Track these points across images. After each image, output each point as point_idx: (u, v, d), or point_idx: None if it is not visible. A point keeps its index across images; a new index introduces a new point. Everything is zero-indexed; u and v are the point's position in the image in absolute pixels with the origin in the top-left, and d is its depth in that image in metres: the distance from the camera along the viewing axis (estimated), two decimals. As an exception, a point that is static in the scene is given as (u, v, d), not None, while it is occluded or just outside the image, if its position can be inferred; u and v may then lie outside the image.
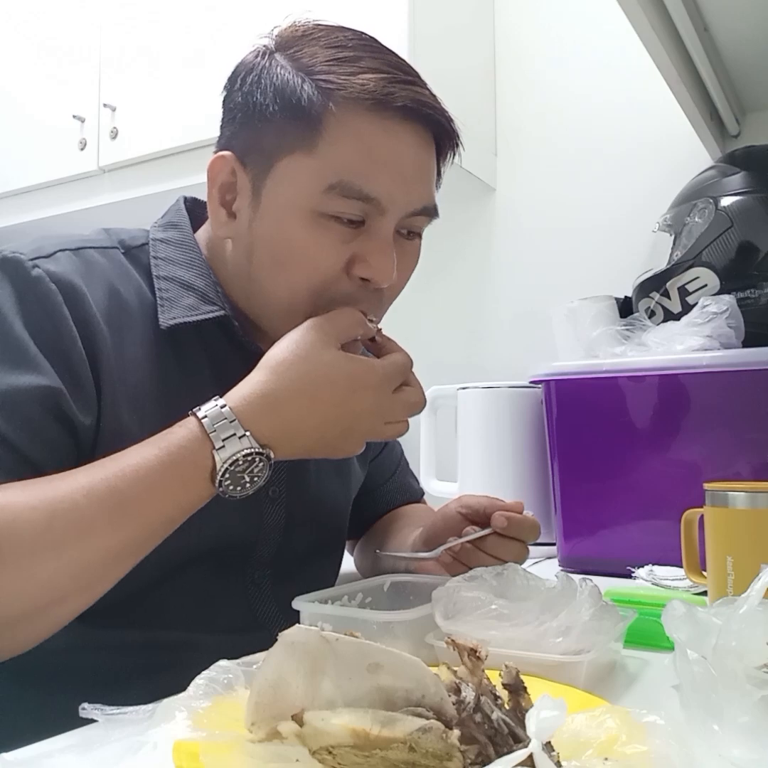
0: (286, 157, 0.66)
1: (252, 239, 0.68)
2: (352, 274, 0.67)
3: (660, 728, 0.36)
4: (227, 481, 0.58)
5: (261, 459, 0.59)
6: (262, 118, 0.66)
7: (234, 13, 1.45)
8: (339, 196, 0.64)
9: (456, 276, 1.59)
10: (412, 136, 0.67)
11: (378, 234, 0.67)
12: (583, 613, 0.54)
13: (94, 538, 0.55)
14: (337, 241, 0.66)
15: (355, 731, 0.32)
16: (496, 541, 0.73)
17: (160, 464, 0.57)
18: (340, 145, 0.64)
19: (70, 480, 0.56)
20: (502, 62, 1.57)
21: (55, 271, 0.64)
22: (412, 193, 0.68)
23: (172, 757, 0.36)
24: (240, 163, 0.69)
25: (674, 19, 0.94)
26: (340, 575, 0.88)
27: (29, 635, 0.55)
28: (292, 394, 0.60)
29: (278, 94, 0.65)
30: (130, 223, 0.83)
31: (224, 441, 0.58)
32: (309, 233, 0.65)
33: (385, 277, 0.67)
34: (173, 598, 0.63)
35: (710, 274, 1.03)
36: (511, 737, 0.33)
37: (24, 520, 0.53)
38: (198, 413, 0.59)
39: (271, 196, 0.67)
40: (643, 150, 1.41)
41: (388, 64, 0.67)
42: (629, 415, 0.99)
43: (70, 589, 0.55)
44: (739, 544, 0.65)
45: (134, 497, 0.56)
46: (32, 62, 1.74)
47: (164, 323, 0.68)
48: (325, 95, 0.64)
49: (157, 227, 0.76)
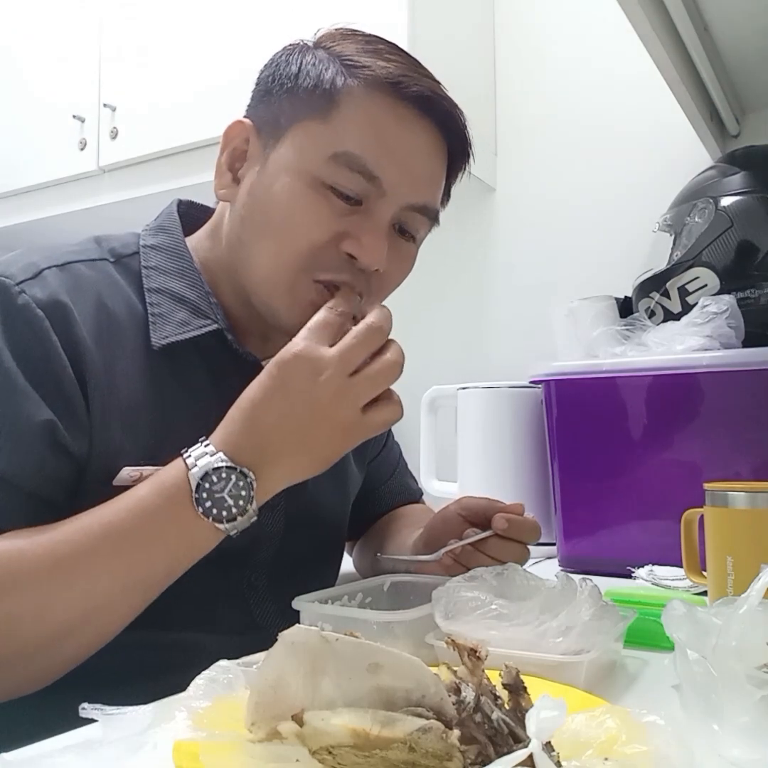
0: (299, 123, 0.67)
1: (250, 200, 0.69)
2: (340, 249, 0.67)
3: (660, 728, 0.36)
4: (207, 502, 0.58)
5: (237, 477, 0.59)
6: (284, 90, 0.69)
7: (234, 13, 1.45)
8: (342, 166, 0.65)
9: (456, 276, 1.58)
10: (424, 131, 0.69)
11: (373, 216, 0.67)
12: (583, 613, 0.54)
13: (98, 569, 0.57)
14: (332, 211, 0.66)
15: (355, 731, 0.32)
16: (497, 543, 0.73)
17: (149, 495, 0.59)
18: (353, 119, 0.66)
19: (68, 525, 0.58)
20: (502, 62, 1.57)
21: (41, 297, 0.63)
22: (415, 185, 0.69)
23: (172, 757, 0.36)
24: (256, 133, 0.71)
25: (674, 19, 0.94)
26: (340, 575, 0.88)
27: (45, 669, 0.57)
28: (262, 412, 0.61)
29: (303, 69, 0.68)
30: (130, 223, 0.83)
31: (197, 460, 0.59)
32: (305, 197, 0.66)
33: (374, 257, 0.67)
34: (173, 599, 0.62)
35: (710, 274, 1.03)
36: (511, 737, 0.33)
37: (30, 557, 0.55)
38: (184, 453, 0.60)
39: (277, 158, 0.68)
40: (644, 150, 1.41)
41: (414, 63, 0.70)
42: (629, 415, 0.99)
43: (82, 620, 0.57)
44: (739, 544, 0.65)
45: (130, 531, 0.57)
46: (32, 62, 1.74)
47: (156, 343, 0.68)
48: (348, 72, 0.66)
49: (147, 231, 0.76)
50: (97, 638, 0.58)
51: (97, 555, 0.56)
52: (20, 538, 0.56)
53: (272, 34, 1.37)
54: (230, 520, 0.59)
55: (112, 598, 0.58)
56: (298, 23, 1.28)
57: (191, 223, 0.78)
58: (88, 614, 0.57)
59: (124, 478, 0.63)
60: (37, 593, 0.55)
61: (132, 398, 0.66)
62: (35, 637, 0.55)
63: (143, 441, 0.64)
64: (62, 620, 0.56)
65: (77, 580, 0.56)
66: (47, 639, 0.56)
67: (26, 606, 0.54)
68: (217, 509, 0.58)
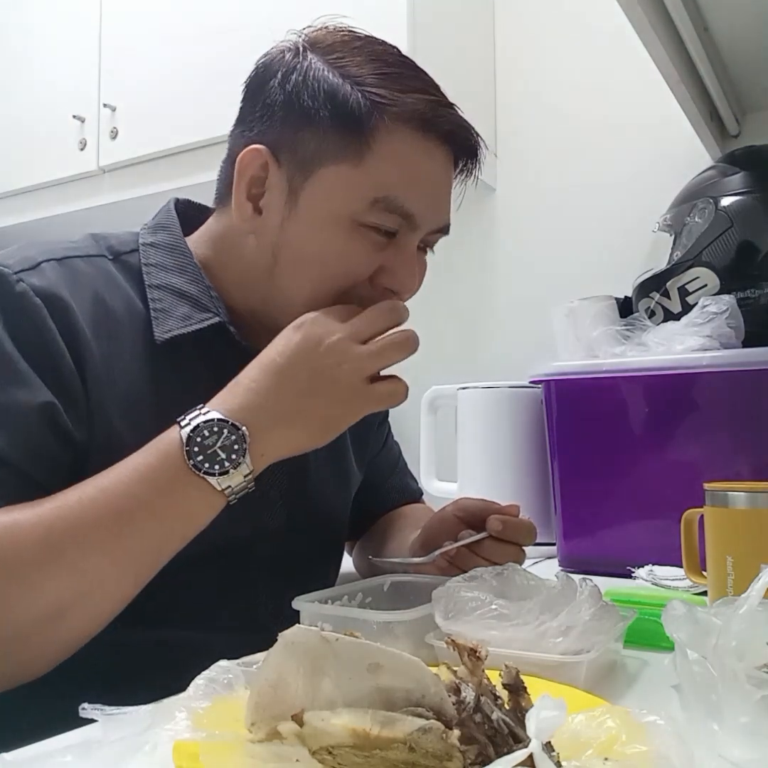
0: (330, 165, 0.66)
1: (283, 238, 0.69)
2: (376, 283, 0.69)
3: (660, 728, 0.36)
4: (199, 456, 0.58)
5: (229, 430, 0.58)
6: (308, 121, 0.67)
7: (234, 13, 1.45)
8: (382, 210, 0.66)
9: (456, 276, 1.58)
10: (446, 158, 0.70)
11: (406, 247, 0.69)
12: (583, 613, 0.54)
13: (91, 542, 0.56)
14: (371, 249, 0.68)
15: (355, 731, 0.32)
16: (492, 545, 0.73)
17: (144, 461, 0.58)
18: (388, 162, 0.66)
19: (64, 494, 0.57)
20: (502, 62, 1.57)
21: (39, 285, 0.63)
22: (441, 213, 0.71)
23: (172, 757, 0.36)
24: (274, 160, 0.68)
25: (674, 19, 0.94)
26: (340, 575, 0.88)
27: (40, 654, 0.56)
28: (263, 375, 0.61)
29: (329, 99, 0.66)
30: (130, 223, 0.83)
31: (189, 419, 0.59)
32: (346, 240, 0.67)
33: (410, 289, 0.70)
34: (173, 598, 0.62)
35: (710, 274, 1.03)
36: (511, 737, 0.33)
37: (24, 534, 0.54)
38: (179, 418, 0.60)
39: (311, 200, 0.67)
40: (643, 150, 1.41)
41: (430, 85, 0.70)
42: (629, 415, 0.99)
43: (73, 600, 0.56)
44: (739, 544, 0.65)
45: (122, 497, 0.57)
46: (32, 62, 1.74)
47: (159, 337, 0.68)
48: (377, 109, 0.65)
49: (146, 229, 0.76)
50: (90, 622, 0.57)
51: (84, 522, 0.55)
52: (12, 512, 0.56)
53: (272, 35, 1.37)
54: (223, 474, 0.58)
55: (103, 575, 0.56)
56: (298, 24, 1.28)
57: (189, 222, 0.78)
58: (80, 594, 0.56)
59: None
60: (27, 572, 0.54)
61: (132, 391, 0.66)
62: (25, 620, 0.54)
63: (144, 432, 0.64)
64: (53, 600, 0.54)
65: (67, 553, 0.55)
66: (38, 622, 0.55)
67: (15, 586, 0.53)
68: (208, 462, 0.58)
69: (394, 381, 0.65)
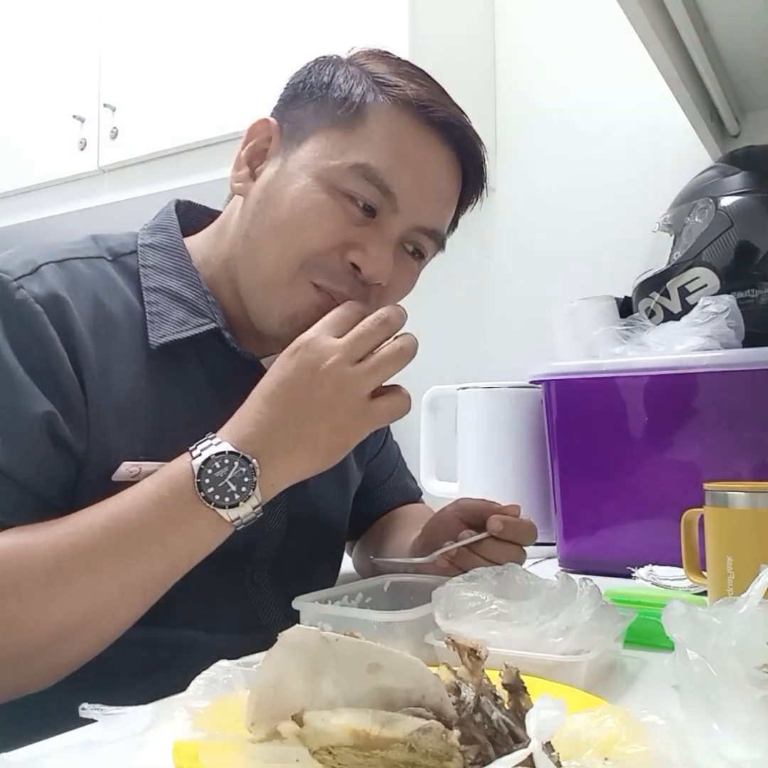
0: (323, 130, 0.68)
1: (263, 196, 0.70)
2: (344, 258, 0.67)
3: (660, 728, 0.36)
4: (210, 488, 0.58)
5: (240, 463, 0.59)
6: (313, 98, 0.70)
7: (234, 13, 1.45)
8: (360, 177, 0.66)
9: (456, 276, 1.58)
10: (444, 157, 0.70)
11: (383, 230, 0.68)
12: (583, 613, 0.54)
13: (102, 569, 0.56)
14: (345, 219, 0.67)
15: (355, 731, 0.32)
16: (493, 545, 0.73)
17: (156, 490, 0.58)
18: (377, 134, 0.67)
19: (75, 519, 0.58)
20: (502, 62, 1.57)
21: (38, 292, 0.63)
22: (428, 207, 0.70)
23: (172, 757, 0.36)
24: (279, 133, 0.71)
25: (674, 19, 0.93)
26: (340, 575, 0.88)
27: (44, 672, 0.57)
28: (267, 405, 0.61)
29: (335, 80, 0.69)
30: (129, 223, 0.83)
31: (201, 451, 0.59)
32: (320, 200, 0.66)
33: (378, 270, 0.67)
34: (174, 598, 0.62)
35: (710, 274, 1.03)
36: (511, 737, 0.33)
37: (37, 559, 0.55)
38: (191, 447, 0.60)
39: (296, 158, 0.69)
40: (643, 150, 1.41)
41: (442, 90, 0.71)
42: (629, 415, 0.99)
43: (82, 622, 0.57)
44: (739, 544, 0.64)
45: (133, 526, 0.57)
46: (32, 62, 1.74)
47: (154, 342, 0.68)
48: (378, 89, 0.68)
49: (145, 230, 0.76)
50: (97, 641, 0.58)
51: (96, 550, 0.56)
52: (24, 534, 0.56)
53: (272, 35, 1.37)
54: (233, 506, 0.59)
55: (112, 599, 0.57)
56: (298, 25, 1.29)
57: (190, 224, 0.77)
58: (88, 618, 0.57)
59: (124, 473, 0.63)
60: (37, 595, 0.54)
61: (128, 395, 0.66)
62: (34, 640, 0.55)
63: (140, 438, 0.64)
64: (61, 623, 0.55)
65: (77, 579, 0.56)
66: (46, 642, 0.56)
67: (26, 609, 0.54)
68: (219, 495, 0.58)
69: (395, 395, 0.64)
